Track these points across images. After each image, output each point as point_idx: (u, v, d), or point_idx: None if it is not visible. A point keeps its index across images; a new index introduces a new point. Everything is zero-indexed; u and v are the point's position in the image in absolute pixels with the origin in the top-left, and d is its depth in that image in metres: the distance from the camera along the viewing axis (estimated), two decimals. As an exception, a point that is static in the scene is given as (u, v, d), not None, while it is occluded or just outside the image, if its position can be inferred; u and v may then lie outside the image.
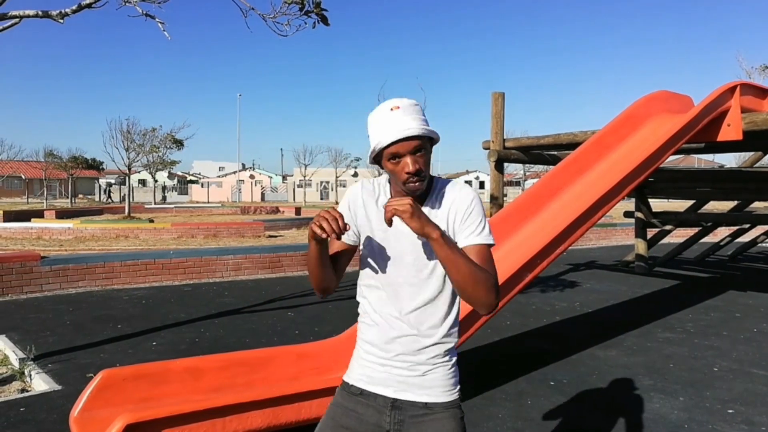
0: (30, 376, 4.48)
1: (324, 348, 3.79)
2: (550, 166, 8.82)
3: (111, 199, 48.57)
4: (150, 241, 14.73)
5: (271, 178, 71.45)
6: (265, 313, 6.81)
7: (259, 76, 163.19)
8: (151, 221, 20.66)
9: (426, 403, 1.67)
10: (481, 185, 69.11)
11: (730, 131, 5.85)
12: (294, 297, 7.75)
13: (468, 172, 76.31)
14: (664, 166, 7.35)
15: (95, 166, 41.11)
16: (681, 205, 12.63)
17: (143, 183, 59.42)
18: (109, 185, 51.60)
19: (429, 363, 1.67)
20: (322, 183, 58.96)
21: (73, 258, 8.41)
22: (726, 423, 3.78)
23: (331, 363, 3.64)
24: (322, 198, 57.47)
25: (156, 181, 39.08)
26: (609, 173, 5.01)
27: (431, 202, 1.70)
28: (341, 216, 1.53)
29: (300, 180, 52.97)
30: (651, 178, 8.65)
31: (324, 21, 4.45)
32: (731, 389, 4.42)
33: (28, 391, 4.24)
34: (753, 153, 10.60)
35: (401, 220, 1.52)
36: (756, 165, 10.67)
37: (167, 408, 2.96)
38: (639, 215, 10.56)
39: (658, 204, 22.27)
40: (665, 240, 12.09)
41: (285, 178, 69.61)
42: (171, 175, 63.37)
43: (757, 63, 22.59)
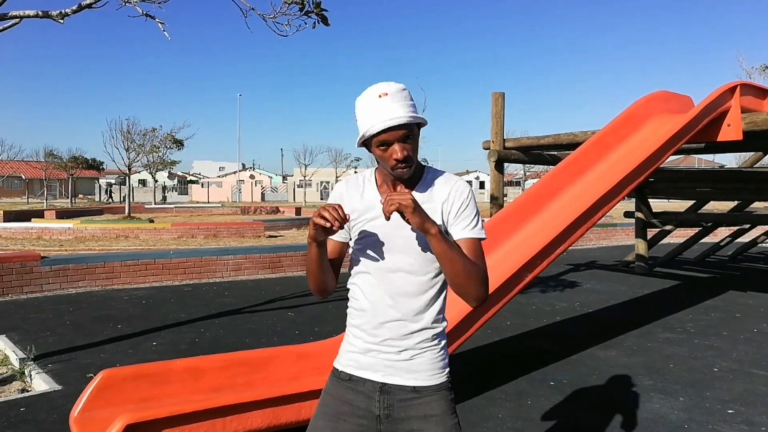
0: (30, 376, 4.48)
1: (324, 348, 3.79)
2: (550, 166, 8.82)
3: (112, 199, 48.60)
4: (150, 241, 14.73)
5: (272, 178, 71.47)
6: (266, 313, 6.81)
7: (259, 76, 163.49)
8: (152, 221, 20.66)
9: (414, 387, 1.68)
10: (481, 185, 69.14)
11: (730, 131, 5.85)
12: (294, 297, 7.76)
13: (468, 172, 76.31)
14: (664, 166, 7.35)
15: (95, 166, 41.15)
16: (681, 206, 12.62)
17: (143, 183, 59.41)
18: (110, 185, 51.62)
19: (417, 348, 1.68)
20: (322, 183, 58.97)
21: (74, 258, 8.41)
22: (726, 423, 3.78)
23: (331, 363, 3.62)
24: (322, 198, 57.43)
25: (156, 181, 39.07)
26: (609, 173, 5.01)
27: (422, 188, 1.72)
28: (340, 206, 1.56)
29: (300, 180, 52.95)
30: (651, 178, 8.66)
31: (324, 21, 4.46)
32: (731, 389, 4.42)
33: (28, 391, 4.24)
34: (753, 153, 10.60)
35: (403, 214, 1.53)
36: (756, 165, 10.67)
37: (167, 408, 2.97)
38: (639, 215, 10.56)
39: (658, 204, 22.28)
40: (665, 240, 12.10)
41: (285, 178, 69.61)
42: (171, 175, 63.39)
43: (758, 63, 22.61)
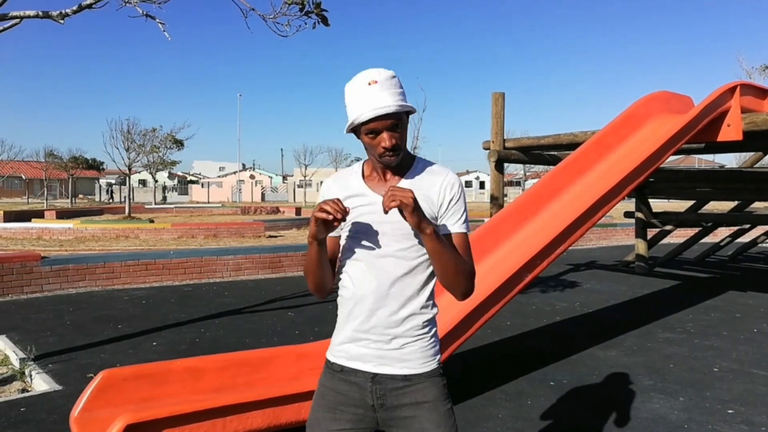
0: (30, 376, 4.48)
1: (324, 348, 3.72)
2: (550, 166, 8.82)
3: (112, 199, 48.61)
4: (150, 242, 14.73)
5: (272, 178, 71.45)
6: (266, 314, 6.82)
7: (259, 76, 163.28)
8: (152, 221, 20.68)
9: (405, 375, 1.68)
10: (482, 185, 69.14)
11: (730, 131, 5.85)
12: (294, 297, 7.76)
13: (468, 172, 76.29)
14: (664, 166, 7.36)
15: (95, 166, 41.16)
16: (681, 206, 12.62)
17: (143, 183, 59.39)
18: (110, 185, 51.63)
19: (407, 335, 1.69)
20: (322, 183, 58.70)
21: (74, 258, 8.41)
22: (726, 423, 3.78)
23: (331, 363, 3.63)
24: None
25: (156, 182, 39.05)
26: (609, 173, 5.01)
27: (411, 176, 1.72)
28: (339, 199, 1.58)
29: (300, 180, 52.93)
30: (651, 178, 8.66)
31: (324, 21, 4.46)
32: (731, 389, 4.42)
33: (28, 391, 4.24)
34: (753, 153, 10.60)
35: (403, 212, 1.54)
36: (756, 165, 10.67)
37: (168, 408, 2.97)
38: (639, 215, 10.56)
39: (658, 204, 22.29)
40: (665, 240, 12.10)
41: (285, 178, 69.58)
42: (171, 176, 63.37)
43: (758, 63, 22.63)
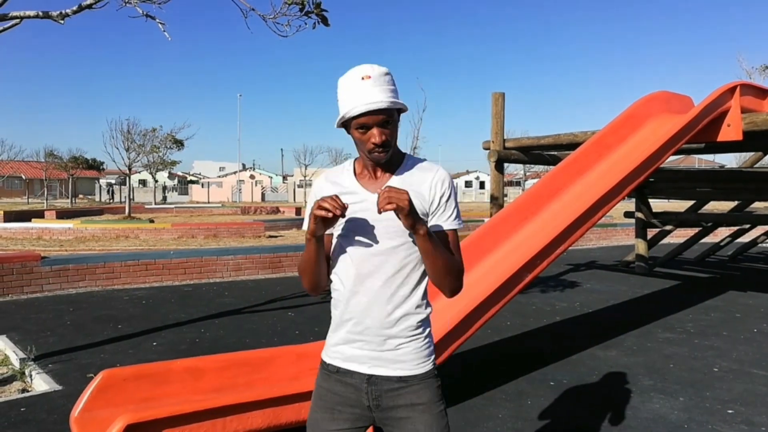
0: (30, 376, 4.48)
1: (324, 348, 3.79)
2: (550, 166, 8.83)
3: (113, 199, 48.62)
4: (150, 242, 14.74)
5: (272, 178, 71.45)
6: (266, 314, 6.82)
7: (259, 76, 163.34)
8: (152, 221, 20.69)
9: (400, 377, 1.68)
10: (482, 185, 69.13)
11: (730, 131, 5.85)
12: (294, 297, 7.76)
13: (468, 172, 76.30)
14: (664, 166, 7.36)
15: (95, 166, 41.16)
16: (681, 206, 12.61)
17: (143, 183, 59.39)
18: (111, 185, 51.63)
19: (401, 336, 1.68)
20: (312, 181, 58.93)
21: (74, 258, 8.41)
22: (726, 423, 3.78)
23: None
24: (322, 198, 57.25)
25: (156, 182, 39.05)
26: (609, 173, 5.01)
27: (402, 173, 1.72)
28: (337, 196, 1.57)
29: (300, 180, 52.90)
30: (651, 178, 8.66)
31: (324, 21, 4.46)
32: (731, 389, 4.42)
33: (28, 392, 4.24)
34: (753, 153, 10.60)
35: (399, 214, 1.53)
36: (756, 165, 10.67)
37: (168, 408, 2.97)
38: (639, 215, 10.56)
39: (658, 204, 22.27)
40: (665, 240, 12.10)
41: (285, 178, 69.58)
42: (171, 176, 63.37)
43: (758, 63, 22.63)
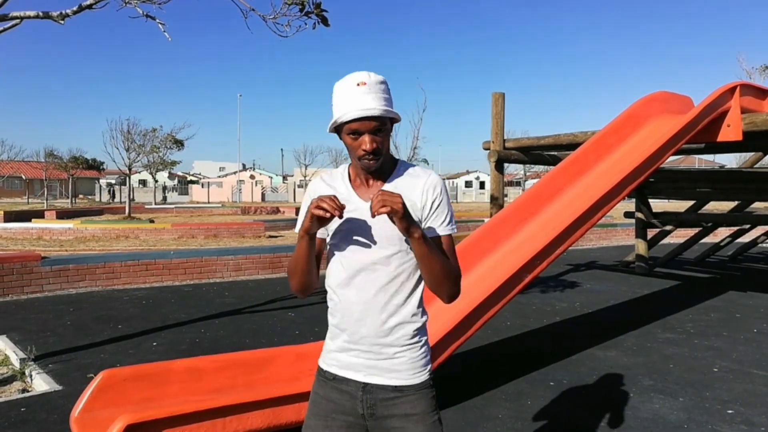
0: (31, 376, 4.48)
1: (324, 348, 3.78)
2: (550, 166, 8.83)
3: (113, 199, 48.64)
4: (150, 242, 14.74)
5: (272, 178, 71.46)
6: (266, 314, 6.82)
7: (260, 76, 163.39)
8: (152, 221, 20.70)
9: (396, 386, 1.67)
10: (482, 185, 69.12)
11: (729, 132, 5.85)
12: (294, 297, 7.76)
13: (468, 172, 76.30)
14: (664, 166, 7.37)
15: (96, 166, 41.12)
16: (681, 206, 12.60)
17: (144, 183, 59.38)
18: (111, 186, 51.64)
19: (397, 344, 1.67)
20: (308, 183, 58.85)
21: (74, 258, 8.41)
22: (726, 423, 3.78)
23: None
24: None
25: (156, 182, 39.06)
26: (609, 174, 5.01)
27: (394, 180, 1.71)
28: (335, 196, 1.56)
29: (300, 180, 52.99)
30: (651, 178, 8.67)
31: (324, 22, 4.47)
32: (731, 390, 4.42)
33: (28, 392, 4.24)
34: (753, 153, 10.60)
35: (393, 217, 1.53)
36: (756, 165, 10.67)
37: (168, 408, 2.97)
38: (639, 215, 10.56)
39: (658, 204, 22.26)
40: (665, 240, 12.10)
41: (285, 178, 69.61)
42: (171, 176, 63.39)
43: (758, 63, 22.63)
